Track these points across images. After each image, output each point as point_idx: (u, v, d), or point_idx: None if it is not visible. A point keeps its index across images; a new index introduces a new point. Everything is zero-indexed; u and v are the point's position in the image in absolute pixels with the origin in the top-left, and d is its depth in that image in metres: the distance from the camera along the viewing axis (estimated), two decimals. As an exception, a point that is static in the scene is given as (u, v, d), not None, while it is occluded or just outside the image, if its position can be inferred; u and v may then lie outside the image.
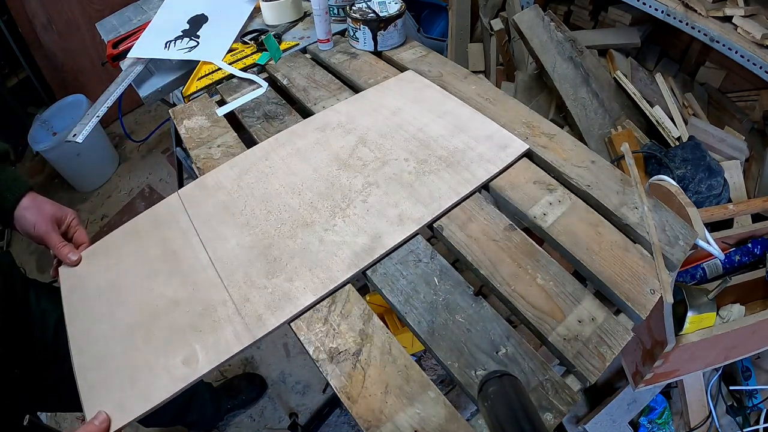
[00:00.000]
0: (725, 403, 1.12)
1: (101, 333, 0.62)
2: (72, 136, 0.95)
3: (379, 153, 0.82)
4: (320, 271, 0.66)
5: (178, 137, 0.97)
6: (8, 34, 1.99)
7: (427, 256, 0.68)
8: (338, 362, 0.59)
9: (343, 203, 0.74)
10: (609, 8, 1.53)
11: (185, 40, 1.13)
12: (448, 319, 0.62)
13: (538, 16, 1.29)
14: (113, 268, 0.70)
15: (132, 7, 1.39)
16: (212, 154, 0.87)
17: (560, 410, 0.55)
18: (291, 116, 0.94)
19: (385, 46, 1.07)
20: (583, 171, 0.78)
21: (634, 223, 0.71)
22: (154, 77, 1.10)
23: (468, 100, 0.91)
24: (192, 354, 0.59)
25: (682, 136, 1.23)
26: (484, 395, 0.44)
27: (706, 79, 1.45)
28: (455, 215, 0.73)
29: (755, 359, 1.16)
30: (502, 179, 0.78)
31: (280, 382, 1.48)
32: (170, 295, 0.65)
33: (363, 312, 0.63)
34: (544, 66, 1.26)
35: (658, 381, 1.00)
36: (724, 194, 1.11)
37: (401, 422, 0.54)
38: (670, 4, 1.19)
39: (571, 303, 0.63)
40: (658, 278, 0.65)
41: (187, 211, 0.76)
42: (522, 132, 0.85)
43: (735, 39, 1.12)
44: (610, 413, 1.09)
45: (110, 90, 1.05)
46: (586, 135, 1.23)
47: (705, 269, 1.06)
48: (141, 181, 2.17)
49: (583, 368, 0.58)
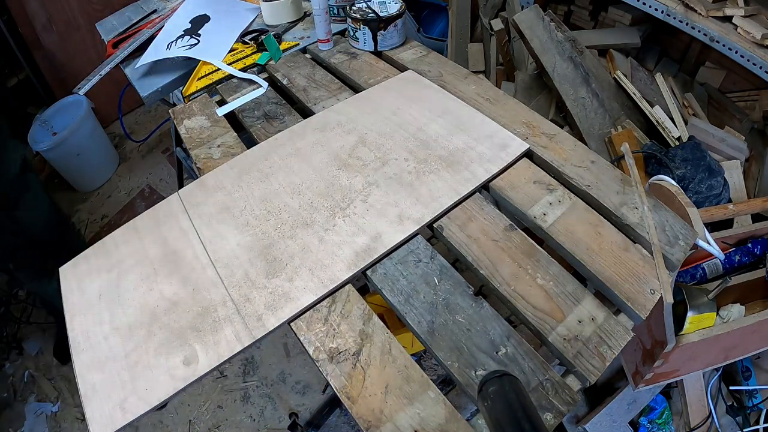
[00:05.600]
0: (725, 403, 1.12)
1: (101, 333, 0.62)
2: (76, 89, 1.06)
3: (379, 153, 0.82)
4: (320, 271, 0.66)
5: (178, 137, 0.98)
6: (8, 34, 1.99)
7: (427, 256, 0.68)
8: (338, 362, 0.59)
9: (343, 203, 0.74)
10: (609, 8, 1.53)
11: (186, 38, 1.13)
12: (448, 319, 0.62)
13: (538, 16, 1.29)
14: (113, 268, 0.70)
15: (132, 7, 1.39)
16: (212, 154, 0.87)
17: (560, 410, 0.55)
18: (291, 116, 0.94)
19: (385, 46, 1.07)
20: (583, 171, 0.78)
21: (634, 223, 0.71)
22: (154, 77, 1.10)
23: (468, 100, 0.91)
24: (192, 354, 0.59)
25: (682, 136, 1.23)
26: (484, 395, 0.44)
27: (706, 79, 1.45)
28: (455, 215, 0.73)
29: (755, 359, 1.15)
30: (502, 179, 0.78)
31: (280, 382, 1.48)
32: (170, 295, 0.65)
33: (363, 312, 0.63)
34: (544, 66, 1.26)
35: (658, 381, 1.00)
36: (724, 194, 1.11)
37: (401, 422, 0.54)
38: (670, 4, 1.19)
39: (571, 303, 0.63)
40: (658, 278, 0.65)
41: (187, 211, 0.76)
42: (522, 132, 0.85)
43: (735, 39, 1.12)
44: (610, 413, 1.09)
45: (117, 54, 1.13)
46: (586, 135, 1.23)
47: (705, 269, 1.06)
48: (141, 181, 2.17)
49: (583, 368, 0.58)
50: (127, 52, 1.15)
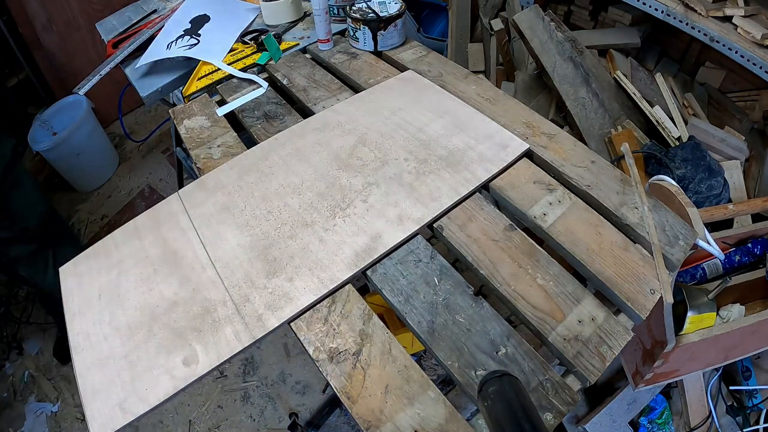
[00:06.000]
0: (725, 403, 1.12)
1: (101, 333, 0.62)
2: (76, 89, 1.07)
3: (379, 153, 0.82)
4: (320, 271, 0.66)
5: (178, 137, 0.98)
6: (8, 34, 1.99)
7: (427, 256, 0.68)
8: (338, 362, 0.59)
9: (343, 203, 0.74)
10: (609, 8, 1.53)
11: (186, 38, 1.13)
12: (448, 319, 0.62)
13: (538, 16, 1.29)
14: (113, 268, 0.70)
15: (132, 7, 1.39)
16: (212, 154, 0.87)
17: (560, 410, 0.55)
18: (291, 116, 0.94)
19: (385, 46, 1.07)
20: (583, 171, 0.78)
21: (634, 223, 0.71)
22: (154, 77, 1.10)
23: (468, 100, 0.91)
24: (192, 354, 0.59)
25: (682, 136, 1.23)
26: (484, 395, 0.44)
27: (706, 79, 1.45)
28: (455, 215, 0.73)
29: (755, 359, 1.15)
30: (502, 179, 0.78)
31: (280, 382, 1.48)
32: (170, 295, 0.65)
33: (363, 312, 0.63)
34: (544, 66, 1.26)
35: (658, 381, 1.00)
36: (724, 194, 1.11)
37: (401, 422, 0.54)
38: (670, 4, 1.19)
39: (571, 303, 0.63)
40: (658, 278, 0.65)
41: (187, 211, 0.76)
42: (522, 132, 0.85)
43: (735, 39, 1.12)
44: (610, 413, 1.09)
45: (117, 54, 1.14)
46: (586, 135, 1.23)
47: (705, 269, 1.06)
48: (141, 181, 2.17)
49: (583, 368, 0.58)
50: (127, 52, 1.15)
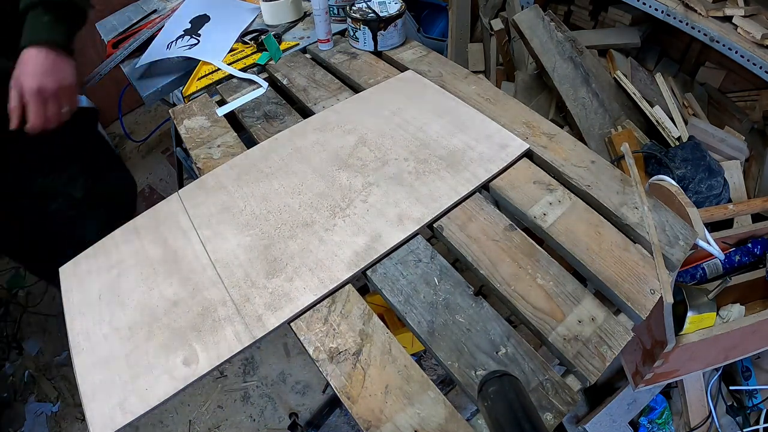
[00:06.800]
0: (725, 403, 1.12)
1: (101, 333, 0.62)
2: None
3: (379, 153, 0.82)
4: (320, 271, 0.66)
5: (178, 137, 0.98)
6: (8, 34, 1.99)
7: (427, 256, 0.68)
8: (338, 362, 0.59)
9: (343, 203, 0.74)
10: (609, 8, 1.53)
11: (186, 38, 1.13)
12: (448, 319, 0.62)
13: (538, 16, 1.29)
14: (113, 268, 0.70)
15: (132, 7, 1.38)
16: (212, 154, 0.87)
17: (560, 410, 0.55)
18: (291, 116, 0.94)
19: (385, 46, 1.07)
20: (583, 171, 0.78)
21: (634, 223, 0.71)
22: (154, 77, 1.10)
23: (468, 100, 0.91)
24: (192, 354, 0.59)
25: (682, 136, 1.23)
26: (484, 395, 0.44)
27: (706, 79, 1.45)
28: (455, 215, 0.73)
29: (755, 359, 1.15)
30: (502, 179, 0.78)
31: (280, 382, 1.48)
32: (170, 295, 0.65)
33: (363, 312, 0.63)
34: (544, 66, 1.26)
35: (658, 381, 1.00)
36: (724, 194, 1.11)
37: (401, 422, 0.54)
38: (670, 4, 1.19)
39: (571, 303, 0.63)
40: (658, 278, 0.65)
41: (187, 211, 0.76)
42: (522, 132, 0.85)
43: (735, 39, 1.12)
44: (610, 413, 1.09)
45: (117, 54, 1.14)
46: (586, 135, 1.23)
47: (705, 269, 1.06)
48: (141, 181, 2.17)
49: (583, 368, 0.58)
50: (127, 52, 1.15)
